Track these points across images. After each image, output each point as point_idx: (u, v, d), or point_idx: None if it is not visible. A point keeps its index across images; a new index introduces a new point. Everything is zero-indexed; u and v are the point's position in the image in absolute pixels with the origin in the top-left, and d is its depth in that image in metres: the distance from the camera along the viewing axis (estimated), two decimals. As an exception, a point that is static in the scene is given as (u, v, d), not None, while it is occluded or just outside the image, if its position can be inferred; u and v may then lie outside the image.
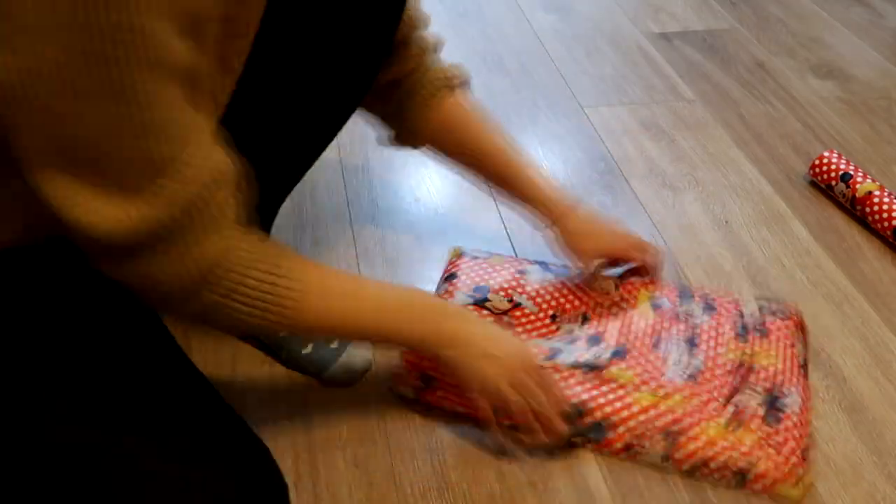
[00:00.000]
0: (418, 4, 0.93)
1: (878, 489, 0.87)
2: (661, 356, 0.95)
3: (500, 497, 0.85)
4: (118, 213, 0.59)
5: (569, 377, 0.91)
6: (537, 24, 1.76)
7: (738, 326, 1.00)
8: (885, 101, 1.54)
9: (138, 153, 0.58)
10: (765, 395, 0.90)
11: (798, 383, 0.93)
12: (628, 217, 1.23)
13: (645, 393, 0.90)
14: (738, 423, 0.87)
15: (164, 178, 0.59)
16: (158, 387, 0.73)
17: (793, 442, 0.86)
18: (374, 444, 0.89)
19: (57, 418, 0.67)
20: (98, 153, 0.57)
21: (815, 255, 1.17)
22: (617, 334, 0.98)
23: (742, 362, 0.95)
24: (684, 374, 0.93)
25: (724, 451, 0.85)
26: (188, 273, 0.64)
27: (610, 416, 0.88)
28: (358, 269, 1.12)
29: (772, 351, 0.96)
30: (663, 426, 0.87)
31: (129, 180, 0.59)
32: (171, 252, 0.63)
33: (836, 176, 1.25)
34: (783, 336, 0.98)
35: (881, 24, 1.81)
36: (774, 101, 1.53)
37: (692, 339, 0.98)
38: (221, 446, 0.71)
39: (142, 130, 0.57)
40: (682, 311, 1.02)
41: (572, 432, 0.87)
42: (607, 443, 0.88)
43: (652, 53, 1.67)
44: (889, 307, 1.09)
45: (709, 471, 0.85)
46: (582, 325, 0.99)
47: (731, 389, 0.91)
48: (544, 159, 1.35)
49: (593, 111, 1.48)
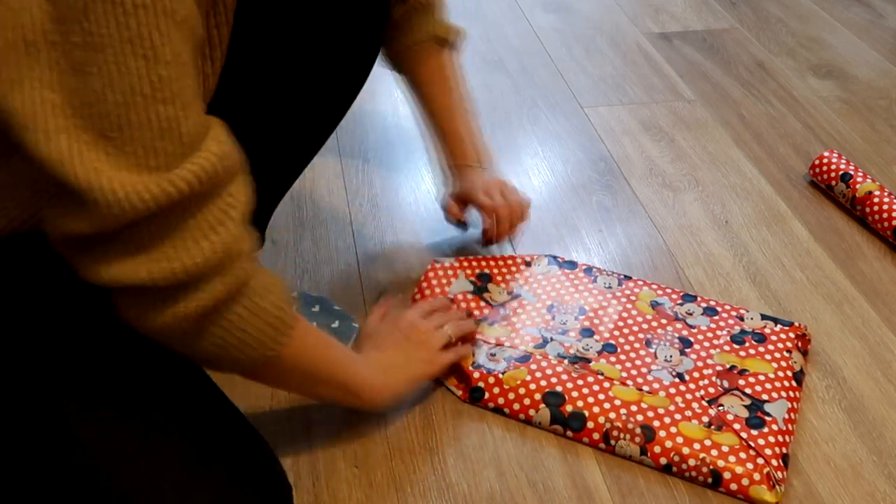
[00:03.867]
0: None
1: (878, 489, 0.87)
2: (652, 353, 0.96)
3: (500, 497, 0.85)
4: (136, 183, 0.54)
5: (556, 365, 0.93)
6: (537, 24, 1.76)
7: (735, 330, 1.00)
8: (885, 101, 1.54)
9: (162, 121, 0.54)
10: (751, 399, 0.91)
11: (787, 391, 0.93)
12: (628, 217, 1.23)
13: (630, 388, 0.91)
14: (720, 425, 0.88)
15: (196, 153, 0.56)
16: (162, 387, 0.72)
17: (773, 447, 0.86)
18: (374, 444, 0.89)
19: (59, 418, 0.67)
20: (117, 119, 0.53)
21: (815, 255, 1.17)
22: (612, 328, 0.99)
23: (734, 366, 0.95)
24: (672, 373, 0.94)
25: (702, 450, 0.86)
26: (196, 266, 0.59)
27: (591, 407, 0.89)
28: (358, 269, 1.12)
29: (766, 356, 0.96)
30: (643, 421, 0.88)
31: (150, 154, 0.55)
32: (186, 234, 0.58)
33: (836, 176, 1.25)
34: (780, 342, 0.98)
35: (881, 24, 1.81)
36: (774, 101, 1.53)
37: (687, 339, 0.98)
38: (226, 447, 0.71)
39: (166, 93, 0.53)
40: (681, 310, 1.02)
41: (552, 420, 0.89)
42: (586, 432, 0.89)
43: (652, 53, 1.67)
44: (889, 307, 1.09)
45: (685, 468, 0.86)
46: (577, 318, 1.00)
47: (718, 391, 0.92)
48: (544, 159, 1.35)
49: (593, 111, 1.48)
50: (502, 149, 1.37)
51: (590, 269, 1.09)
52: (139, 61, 0.52)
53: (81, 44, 0.52)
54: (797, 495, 0.86)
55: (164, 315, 0.60)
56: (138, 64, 0.52)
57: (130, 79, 0.53)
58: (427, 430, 0.91)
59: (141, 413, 0.69)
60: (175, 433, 0.68)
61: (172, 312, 0.60)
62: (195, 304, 0.60)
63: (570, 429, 0.89)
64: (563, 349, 0.96)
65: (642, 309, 1.03)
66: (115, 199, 0.54)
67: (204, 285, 0.60)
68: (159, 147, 0.55)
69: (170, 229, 0.58)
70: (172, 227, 0.58)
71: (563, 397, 0.90)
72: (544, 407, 0.90)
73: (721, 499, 0.85)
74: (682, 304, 1.04)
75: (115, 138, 0.54)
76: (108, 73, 0.52)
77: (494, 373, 0.93)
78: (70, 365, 0.69)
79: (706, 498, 0.85)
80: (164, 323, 0.61)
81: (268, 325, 0.67)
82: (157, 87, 0.53)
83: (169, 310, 0.60)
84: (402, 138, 1.38)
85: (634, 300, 1.04)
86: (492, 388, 0.92)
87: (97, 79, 0.52)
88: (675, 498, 0.85)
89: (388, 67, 1.09)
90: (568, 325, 0.99)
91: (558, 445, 0.90)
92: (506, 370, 0.93)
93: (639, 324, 1.00)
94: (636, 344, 0.97)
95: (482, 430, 0.91)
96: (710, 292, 1.09)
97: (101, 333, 0.72)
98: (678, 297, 1.05)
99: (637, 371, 0.94)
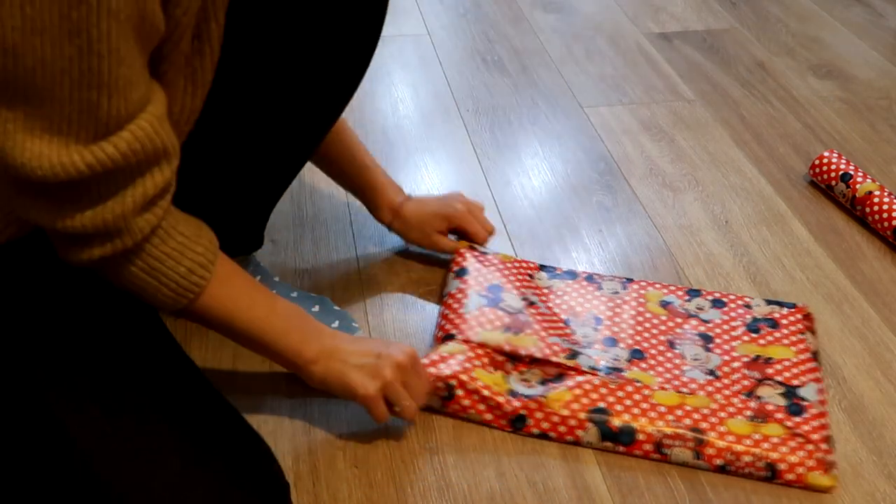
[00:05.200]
0: None
1: (878, 489, 0.87)
2: (679, 353, 0.96)
3: (500, 497, 0.85)
4: (53, 154, 0.58)
5: (593, 378, 0.91)
6: (537, 24, 1.76)
7: (748, 319, 1.01)
8: (885, 101, 1.54)
9: (89, 105, 0.57)
10: (784, 387, 0.92)
11: (812, 373, 0.94)
12: (628, 217, 1.23)
13: (669, 392, 0.91)
14: (764, 417, 0.88)
15: (113, 136, 0.60)
16: (158, 385, 0.73)
17: (819, 431, 0.87)
18: (374, 444, 0.89)
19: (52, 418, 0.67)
20: (50, 96, 0.56)
21: (815, 255, 1.17)
22: (633, 334, 0.99)
23: (758, 356, 0.96)
24: (704, 371, 0.94)
25: (754, 444, 0.86)
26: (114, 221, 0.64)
27: (638, 418, 0.88)
28: (358, 269, 1.12)
29: (784, 341, 0.98)
30: (691, 424, 0.88)
31: (77, 131, 0.58)
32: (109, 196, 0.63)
33: (836, 176, 1.25)
34: (792, 325, 1.00)
35: (881, 24, 1.81)
36: (774, 101, 1.53)
37: (706, 334, 0.99)
38: (222, 445, 0.71)
39: (95, 81, 0.56)
40: (691, 306, 1.03)
41: (602, 437, 0.88)
42: (638, 445, 0.87)
43: (652, 53, 1.67)
44: (889, 307, 1.09)
45: (741, 465, 0.86)
46: (595, 328, 1.00)
47: (752, 383, 0.93)
48: (544, 159, 1.35)
49: (593, 111, 1.48)
50: (502, 149, 1.37)
51: (591, 277, 1.08)
52: (73, 50, 0.55)
53: (20, 28, 0.54)
54: (797, 495, 0.86)
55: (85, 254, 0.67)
56: (72, 52, 0.55)
57: (62, 63, 0.55)
58: (427, 430, 0.91)
59: (136, 412, 0.69)
60: (170, 432, 0.68)
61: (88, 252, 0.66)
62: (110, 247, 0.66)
63: (622, 444, 0.87)
64: (593, 361, 0.94)
65: (654, 310, 1.02)
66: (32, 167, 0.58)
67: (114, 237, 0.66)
68: (77, 121, 0.58)
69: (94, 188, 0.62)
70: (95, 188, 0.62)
71: (608, 412, 0.88)
72: (592, 425, 0.88)
73: (723, 497, 0.85)
74: (689, 300, 1.04)
75: (37, 109, 0.57)
76: (42, 55, 0.55)
77: (535, 397, 0.90)
78: (64, 363, 0.69)
79: (706, 498, 0.85)
80: (89, 260, 0.67)
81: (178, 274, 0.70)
82: (85, 75, 0.56)
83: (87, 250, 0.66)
84: (402, 138, 1.38)
85: (644, 302, 1.04)
86: (534, 413, 0.89)
87: (30, 57, 0.55)
88: (676, 498, 0.85)
89: None
90: (590, 338, 0.98)
91: (558, 445, 0.90)
92: (546, 393, 0.90)
93: (656, 325, 1.00)
94: (661, 346, 0.97)
95: (482, 430, 0.91)
96: (710, 292, 1.10)
97: (94, 331, 0.73)
98: (684, 294, 1.05)
99: (671, 374, 0.93)
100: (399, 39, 1.68)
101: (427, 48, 1.65)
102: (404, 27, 1.73)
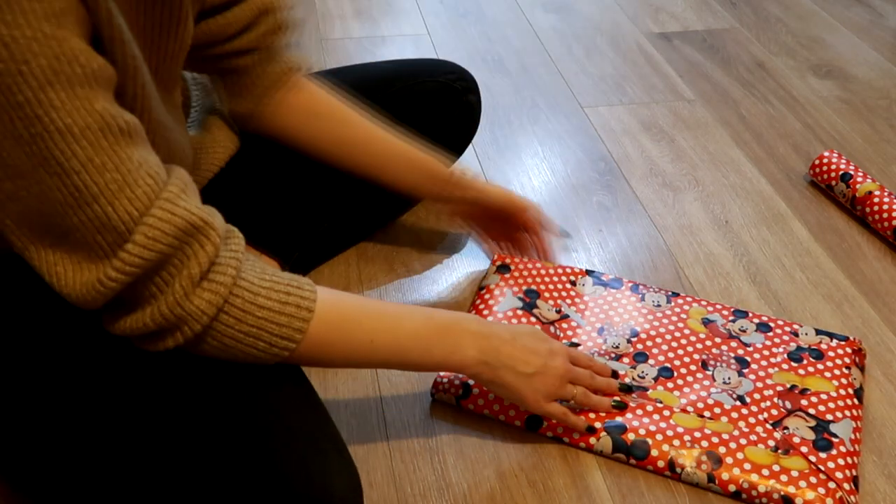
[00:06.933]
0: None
1: (878, 489, 0.87)
2: (710, 375, 0.94)
3: (500, 497, 0.85)
4: (90, 278, 0.60)
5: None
6: (537, 24, 1.76)
7: (791, 347, 0.97)
8: (885, 101, 1.54)
9: (99, 220, 0.58)
10: (816, 420, 0.88)
11: (850, 409, 0.90)
12: (628, 217, 1.23)
13: (691, 415, 0.89)
14: (787, 449, 0.85)
15: (129, 242, 0.60)
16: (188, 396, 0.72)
17: (844, 470, 0.84)
18: (374, 444, 0.89)
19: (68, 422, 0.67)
20: (69, 225, 0.58)
21: (815, 255, 1.17)
22: (666, 350, 0.96)
23: (794, 385, 0.93)
24: (733, 396, 0.91)
25: (771, 476, 0.83)
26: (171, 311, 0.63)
27: (654, 435, 0.87)
28: (358, 268, 1.12)
29: (826, 374, 0.94)
30: (708, 448, 0.86)
31: (103, 247, 0.60)
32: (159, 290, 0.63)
33: (836, 176, 1.25)
34: (838, 358, 0.96)
35: (881, 24, 1.81)
36: (774, 101, 1.53)
37: (743, 358, 0.96)
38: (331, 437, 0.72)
39: (87, 195, 0.58)
40: (734, 327, 1.00)
41: (614, 448, 0.87)
42: (650, 460, 0.86)
43: (652, 53, 1.67)
44: (889, 307, 1.09)
45: (755, 495, 0.83)
46: (629, 340, 0.98)
47: (781, 413, 0.89)
48: (544, 159, 1.35)
49: (593, 111, 1.48)
50: (502, 149, 1.37)
51: (636, 287, 1.06)
52: (54, 179, 0.57)
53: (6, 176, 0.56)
54: None
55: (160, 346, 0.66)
56: (55, 181, 0.57)
57: (54, 194, 0.57)
58: (427, 430, 0.91)
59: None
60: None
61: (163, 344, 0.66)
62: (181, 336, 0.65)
63: (634, 457, 0.86)
64: (617, 377, 0.92)
65: (694, 328, 0.99)
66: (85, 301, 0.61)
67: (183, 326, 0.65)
68: (100, 240, 0.59)
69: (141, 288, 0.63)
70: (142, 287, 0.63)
71: (623, 427, 0.87)
72: (605, 435, 0.87)
73: (721, 500, 0.85)
74: (734, 320, 1.01)
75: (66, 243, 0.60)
76: (35, 192, 0.57)
77: None
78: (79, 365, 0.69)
79: (706, 499, 0.85)
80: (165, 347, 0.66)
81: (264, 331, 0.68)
82: (76, 194, 0.57)
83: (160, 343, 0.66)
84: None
85: (686, 318, 1.01)
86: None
87: (28, 199, 0.58)
88: (676, 498, 0.85)
89: (269, 135, 0.97)
90: (621, 349, 0.96)
91: (558, 445, 0.90)
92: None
93: (692, 343, 0.97)
94: (692, 366, 0.94)
95: (482, 430, 0.91)
96: (710, 292, 1.09)
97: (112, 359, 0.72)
98: (729, 314, 1.02)
99: (697, 396, 0.91)
100: (399, 39, 1.68)
101: (427, 48, 1.65)
102: (404, 27, 1.73)
